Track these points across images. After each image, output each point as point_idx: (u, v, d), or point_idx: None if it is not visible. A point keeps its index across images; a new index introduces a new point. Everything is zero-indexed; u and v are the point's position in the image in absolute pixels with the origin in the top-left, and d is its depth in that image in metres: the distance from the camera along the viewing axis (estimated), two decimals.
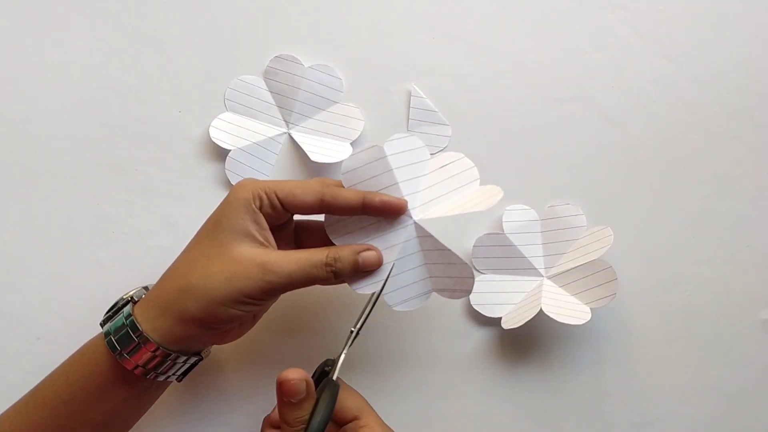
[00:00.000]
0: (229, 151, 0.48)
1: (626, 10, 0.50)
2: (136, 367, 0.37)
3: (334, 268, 0.38)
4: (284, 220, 0.40)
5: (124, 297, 0.40)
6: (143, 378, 0.38)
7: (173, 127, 0.49)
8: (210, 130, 0.48)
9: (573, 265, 0.45)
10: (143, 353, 0.37)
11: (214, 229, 0.38)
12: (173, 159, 0.49)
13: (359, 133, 0.48)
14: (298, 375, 0.36)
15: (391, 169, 0.39)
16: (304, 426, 0.36)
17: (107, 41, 0.50)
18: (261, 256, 0.37)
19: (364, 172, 0.39)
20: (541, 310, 0.43)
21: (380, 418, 0.41)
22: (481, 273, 0.48)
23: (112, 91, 0.50)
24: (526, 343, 0.48)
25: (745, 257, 0.49)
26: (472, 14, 0.50)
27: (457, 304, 0.48)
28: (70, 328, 0.48)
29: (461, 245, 0.48)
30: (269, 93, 0.49)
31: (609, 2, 0.50)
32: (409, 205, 0.40)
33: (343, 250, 0.38)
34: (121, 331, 0.37)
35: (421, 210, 0.40)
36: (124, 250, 0.48)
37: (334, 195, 0.38)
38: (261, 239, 0.38)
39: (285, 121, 0.49)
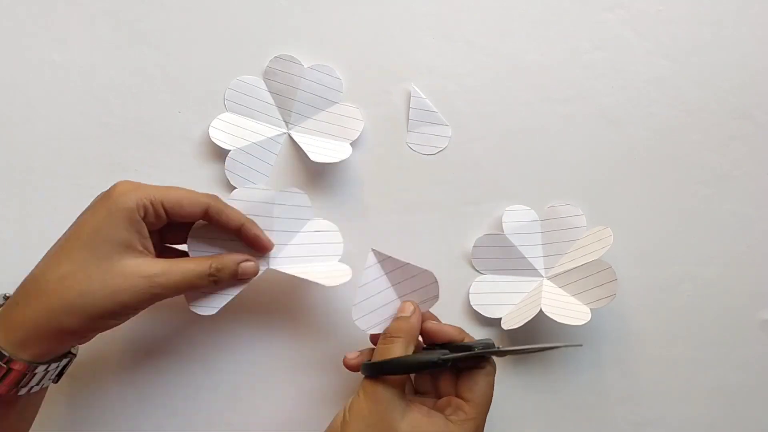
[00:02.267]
0: (229, 151, 0.48)
1: (626, 9, 0.50)
2: (10, 389, 0.35)
3: (216, 278, 0.39)
4: (162, 225, 0.39)
5: None
6: (18, 395, 0.36)
7: (173, 127, 0.49)
8: (210, 131, 0.48)
9: (573, 266, 0.45)
10: (14, 375, 0.34)
11: (92, 240, 0.35)
12: (173, 159, 0.49)
13: (359, 133, 0.48)
14: (412, 305, 0.40)
15: (272, 217, 0.43)
16: (399, 338, 0.38)
17: (107, 41, 0.50)
18: (146, 268, 0.36)
19: (250, 207, 0.43)
20: (541, 310, 0.43)
21: (484, 422, 0.39)
22: (481, 273, 0.48)
23: (112, 91, 0.50)
24: (526, 344, 0.48)
25: (745, 257, 0.49)
26: (472, 14, 0.50)
27: (457, 304, 0.48)
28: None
29: (461, 246, 0.48)
30: (269, 93, 0.49)
31: (609, 2, 0.50)
32: (273, 252, 0.43)
33: (224, 260, 0.40)
34: None
35: (281, 261, 0.43)
36: None
37: (219, 211, 0.39)
38: (142, 248, 0.37)
39: (284, 121, 0.49)
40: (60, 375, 0.39)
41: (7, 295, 0.39)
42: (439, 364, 0.37)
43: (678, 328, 0.48)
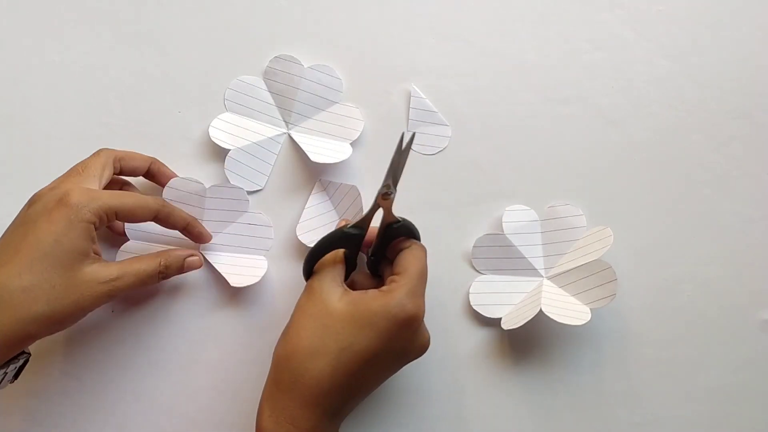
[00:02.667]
0: (229, 150, 0.48)
1: (626, 10, 0.50)
2: None
3: (165, 274, 0.42)
4: None
5: None
6: None
7: (173, 127, 0.49)
8: (210, 130, 0.48)
9: (573, 266, 0.45)
10: None
11: (53, 250, 0.36)
12: (173, 159, 0.49)
13: (359, 133, 0.48)
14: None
15: (203, 208, 0.47)
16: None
17: (107, 41, 0.50)
18: (104, 273, 0.38)
19: (183, 196, 0.46)
20: (540, 310, 0.43)
21: (419, 289, 0.40)
22: (481, 273, 0.48)
23: (112, 91, 0.50)
24: (526, 344, 0.48)
25: (745, 257, 0.49)
26: (472, 14, 0.50)
27: (458, 304, 0.48)
28: (70, 328, 0.47)
29: (461, 246, 0.48)
30: (269, 93, 0.49)
31: (608, 2, 0.50)
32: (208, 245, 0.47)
33: (171, 257, 0.42)
34: None
35: (210, 247, 0.47)
36: None
37: (167, 214, 0.42)
38: (93, 253, 0.39)
39: (285, 121, 0.49)
40: (17, 375, 0.41)
41: None
42: (347, 234, 0.40)
43: (678, 328, 0.48)
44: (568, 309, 0.44)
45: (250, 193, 0.48)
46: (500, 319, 0.46)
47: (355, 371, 0.37)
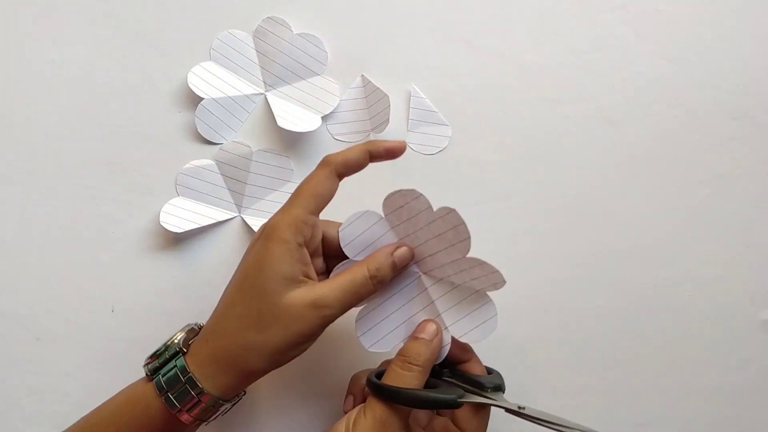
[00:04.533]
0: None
1: (626, 10, 0.50)
2: (195, 420, 0.37)
3: (378, 278, 0.38)
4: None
5: (170, 343, 0.39)
6: (193, 425, 0.38)
7: (173, 127, 0.49)
8: (188, 76, 0.48)
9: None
10: (200, 407, 0.37)
11: (257, 276, 0.37)
12: (173, 159, 0.49)
13: (332, 108, 0.49)
14: (435, 325, 0.38)
15: (249, 172, 0.46)
16: (418, 366, 0.37)
17: (107, 41, 0.50)
18: (310, 295, 0.36)
19: (232, 159, 0.47)
20: None
21: None
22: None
23: (112, 91, 0.50)
24: (526, 344, 0.48)
25: (745, 257, 0.49)
26: (472, 14, 0.50)
27: None
28: (70, 328, 0.48)
29: None
30: (255, 51, 0.49)
31: (608, 2, 0.50)
32: (245, 203, 0.46)
33: (378, 258, 0.38)
34: (178, 386, 0.37)
35: (251, 212, 0.46)
36: (124, 250, 0.48)
37: (346, 168, 0.39)
38: (303, 277, 0.37)
39: (264, 82, 0.50)
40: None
41: (197, 325, 0.40)
42: (453, 405, 0.36)
43: (678, 328, 0.48)
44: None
45: (214, 144, 0.49)
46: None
47: None
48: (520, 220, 0.49)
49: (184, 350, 0.38)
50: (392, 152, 0.40)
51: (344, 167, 0.39)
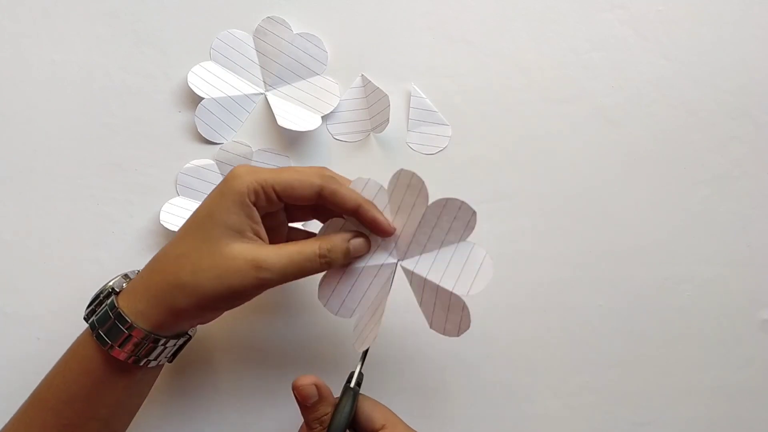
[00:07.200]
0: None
1: (626, 10, 0.50)
2: (129, 356, 0.37)
3: (327, 259, 0.37)
4: (277, 209, 0.39)
5: (105, 288, 0.40)
6: (137, 366, 0.38)
7: (173, 127, 0.49)
8: (189, 75, 0.48)
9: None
10: (133, 341, 0.37)
11: (205, 222, 0.37)
12: (173, 159, 0.49)
13: (332, 108, 0.49)
14: (307, 380, 0.37)
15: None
16: (322, 428, 0.37)
17: (107, 41, 0.50)
18: (253, 252, 0.36)
19: (232, 159, 0.46)
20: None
21: (409, 428, 0.39)
22: None
23: (112, 91, 0.50)
24: (525, 344, 0.48)
25: (745, 257, 0.49)
26: (472, 14, 0.50)
27: None
28: (70, 328, 0.47)
29: None
30: (255, 51, 0.49)
31: (608, 2, 0.50)
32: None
33: (334, 240, 0.38)
34: (108, 323, 0.37)
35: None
36: (124, 250, 0.48)
37: (333, 192, 0.37)
38: (252, 234, 0.37)
39: (264, 81, 0.50)
40: (174, 355, 0.41)
41: (133, 272, 0.41)
42: (354, 397, 0.38)
43: (678, 328, 0.48)
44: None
45: (214, 144, 0.49)
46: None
47: None
48: (520, 220, 0.49)
49: (117, 290, 0.39)
50: (378, 227, 0.38)
51: (330, 194, 0.37)
